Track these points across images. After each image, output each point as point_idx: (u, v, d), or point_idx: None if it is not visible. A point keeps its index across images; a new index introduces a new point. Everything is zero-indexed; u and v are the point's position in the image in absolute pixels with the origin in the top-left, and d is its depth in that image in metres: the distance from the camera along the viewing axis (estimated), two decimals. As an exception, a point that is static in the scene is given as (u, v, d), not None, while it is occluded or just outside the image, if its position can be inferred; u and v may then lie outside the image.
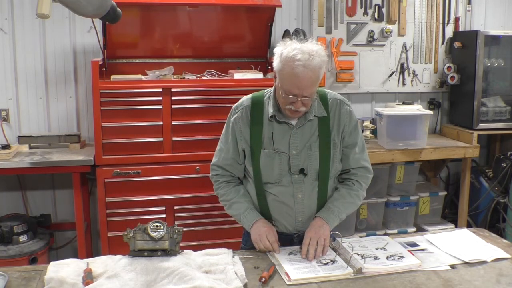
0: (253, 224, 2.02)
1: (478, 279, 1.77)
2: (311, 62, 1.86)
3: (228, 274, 1.74)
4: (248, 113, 2.05)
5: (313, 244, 1.92)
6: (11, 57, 3.55)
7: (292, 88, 1.88)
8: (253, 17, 3.59)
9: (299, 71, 1.85)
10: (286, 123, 2.01)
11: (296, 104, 1.91)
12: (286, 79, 1.90)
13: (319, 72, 1.90)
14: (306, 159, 2.01)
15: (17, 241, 3.21)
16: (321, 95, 2.07)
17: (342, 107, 2.08)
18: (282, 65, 1.90)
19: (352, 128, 2.08)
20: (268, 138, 2.02)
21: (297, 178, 2.02)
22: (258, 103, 2.06)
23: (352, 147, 2.09)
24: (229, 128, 2.10)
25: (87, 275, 1.69)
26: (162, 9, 3.39)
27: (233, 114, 2.10)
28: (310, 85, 1.88)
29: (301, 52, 1.87)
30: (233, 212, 2.09)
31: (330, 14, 3.97)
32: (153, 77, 3.34)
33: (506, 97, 4.14)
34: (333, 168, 2.06)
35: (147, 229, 1.82)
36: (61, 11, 3.29)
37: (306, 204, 2.04)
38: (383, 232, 3.78)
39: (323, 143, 2.02)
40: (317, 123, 2.03)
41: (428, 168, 4.34)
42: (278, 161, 2.01)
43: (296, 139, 2.01)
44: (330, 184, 2.07)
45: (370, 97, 4.21)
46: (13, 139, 3.56)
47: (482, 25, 4.34)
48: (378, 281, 1.76)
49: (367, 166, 2.13)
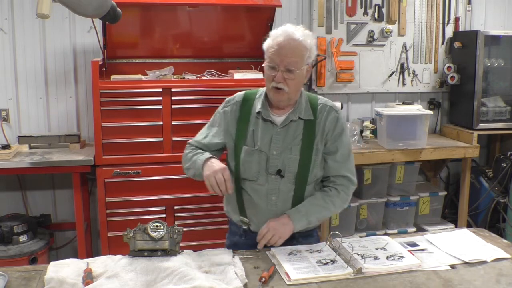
0: (207, 160, 1.98)
1: (478, 279, 1.77)
2: (295, 33, 1.94)
3: (228, 274, 1.74)
4: (237, 109, 2.08)
5: (267, 237, 1.93)
6: (11, 57, 3.55)
7: (273, 55, 1.93)
8: (253, 17, 3.59)
9: (281, 39, 1.92)
10: (270, 121, 2.02)
11: (277, 77, 1.93)
12: (269, 49, 1.95)
13: (302, 44, 1.93)
14: (285, 161, 2.00)
15: (17, 241, 3.21)
16: (311, 99, 2.09)
17: (330, 113, 2.08)
18: (268, 40, 1.98)
19: (336, 135, 2.06)
20: (250, 134, 2.04)
21: (274, 178, 2.01)
22: (249, 100, 2.09)
23: (332, 154, 2.06)
24: (216, 119, 2.14)
25: (87, 275, 1.69)
26: (162, 9, 3.38)
27: (223, 107, 2.13)
28: (291, 53, 1.91)
29: (286, 26, 1.98)
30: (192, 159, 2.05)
31: (330, 14, 3.97)
32: (153, 77, 3.34)
33: (506, 97, 4.14)
34: (313, 174, 2.03)
35: (147, 229, 1.82)
36: (61, 11, 3.29)
37: (279, 207, 2.02)
38: (383, 232, 3.78)
39: (305, 147, 2.01)
40: (302, 126, 2.02)
41: (428, 168, 4.34)
42: (257, 159, 2.02)
43: (278, 140, 2.01)
44: (307, 189, 2.04)
45: (370, 97, 4.21)
46: (13, 139, 3.56)
47: (482, 25, 4.35)
48: (378, 281, 1.76)
49: (348, 176, 2.08)
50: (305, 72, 2.01)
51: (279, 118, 2.03)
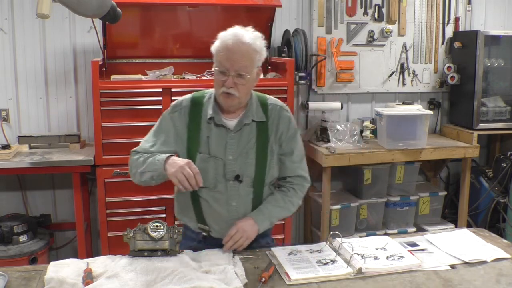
0: (168, 159, 1.89)
1: (478, 279, 1.78)
2: (244, 36, 1.89)
3: (228, 274, 1.74)
4: (186, 114, 2.01)
5: (236, 238, 1.91)
6: (11, 57, 3.55)
7: (223, 60, 1.89)
8: (253, 17, 3.58)
9: (230, 42, 1.88)
10: (224, 126, 1.98)
11: (228, 82, 1.88)
12: (218, 53, 1.91)
13: (252, 47, 1.89)
14: (242, 166, 1.98)
15: (17, 241, 3.21)
16: (261, 100, 2.06)
17: (282, 113, 2.06)
18: (217, 43, 1.94)
19: (290, 136, 2.06)
20: (204, 141, 1.98)
21: (232, 184, 1.98)
22: (198, 104, 2.02)
23: (289, 155, 2.07)
24: (162, 126, 2.04)
25: (87, 275, 1.69)
26: (162, 9, 3.38)
27: (170, 113, 2.04)
28: (241, 57, 1.87)
29: (235, 29, 1.94)
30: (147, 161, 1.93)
31: (330, 14, 3.97)
32: (153, 77, 3.34)
33: (506, 97, 4.13)
34: (269, 175, 2.03)
35: (147, 229, 1.82)
36: (61, 11, 3.29)
37: (240, 211, 2.01)
38: (383, 232, 3.78)
39: (260, 149, 2.00)
40: (255, 129, 2.00)
41: (428, 168, 4.34)
42: (213, 166, 1.97)
43: (233, 145, 1.98)
44: (265, 190, 2.05)
45: (370, 97, 4.21)
46: (13, 139, 3.56)
47: (482, 25, 4.34)
48: (378, 281, 1.76)
49: (304, 175, 2.12)
50: (256, 75, 1.97)
51: (231, 122, 2.00)
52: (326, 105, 3.99)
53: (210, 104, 2.00)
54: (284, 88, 3.34)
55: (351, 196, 3.91)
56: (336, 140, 3.66)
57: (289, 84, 3.34)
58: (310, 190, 4.02)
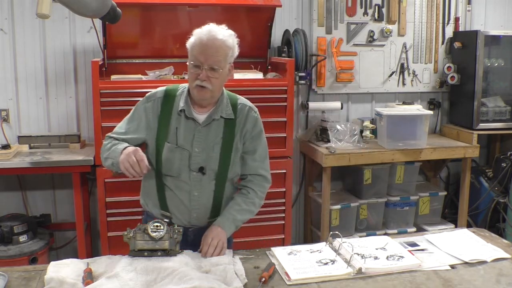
0: (125, 149, 1.94)
1: (478, 279, 1.78)
2: (218, 32, 1.97)
3: (228, 274, 1.74)
4: (159, 105, 2.08)
5: (214, 244, 1.92)
6: (11, 57, 3.55)
7: (197, 54, 1.96)
8: (253, 17, 3.59)
9: (205, 38, 1.96)
10: (193, 119, 2.04)
11: (201, 75, 1.95)
12: (193, 48, 1.98)
13: (226, 43, 1.97)
14: (207, 159, 2.04)
15: (17, 241, 3.21)
16: (231, 99, 2.12)
17: (250, 113, 2.12)
18: (192, 38, 2.01)
19: (254, 135, 2.12)
20: (173, 132, 2.05)
21: (196, 175, 2.04)
22: (170, 97, 2.09)
23: (251, 154, 2.12)
24: (135, 114, 2.11)
25: (87, 275, 1.69)
26: (162, 9, 3.38)
27: (144, 103, 2.11)
28: (215, 52, 1.95)
29: (210, 26, 2.01)
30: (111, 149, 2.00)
31: (330, 14, 3.97)
32: (153, 77, 3.34)
33: (506, 97, 4.13)
34: (232, 171, 2.08)
35: (147, 229, 1.82)
36: (61, 11, 3.29)
37: (201, 202, 2.06)
38: (383, 232, 3.78)
39: (226, 145, 2.06)
40: (223, 125, 2.06)
41: (428, 168, 4.34)
42: (179, 156, 2.03)
43: (200, 138, 2.04)
44: (227, 186, 2.10)
45: (370, 97, 4.21)
46: (13, 139, 3.56)
47: (482, 25, 4.34)
48: (378, 281, 1.76)
49: (265, 175, 2.15)
50: (228, 71, 2.04)
51: (201, 116, 2.06)
52: (326, 105, 3.99)
53: (182, 97, 2.07)
54: (284, 88, 3.34)
55: (351, 196, 3.91)
56: (336, 140, 3.66)
57: (289, 84, 3.34)
58: (310, 190, 4.04)
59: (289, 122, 3.38)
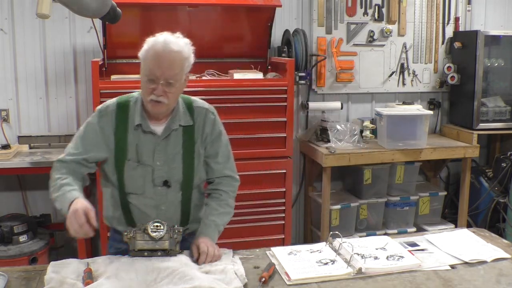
0: (73, 201, 1.78)
1: (478, 279, 1.78)
2: (174, 42, 1.89)
3: (228, 274, 1.74)
4: (113, 120, 1.96)
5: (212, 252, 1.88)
6: (11, 57, 3.55)
7: (153, 68, 1.85)
8: (253, 17, 3.59)
9: (160, 49, 1.86)
10: (151, 133, 1.95)
11: (157, 90, 1.85)
12: (148, 61, 1.88)
13: (182, 55, 1.89)
14: (170, 171, 1.97)
15: (17, 241, 3.21)
16: (187, 104, 2.03)
17: (207, 116, 2.05)
18: (145, 49, 1.91)
19: (214, 137, 2.06)
20: (132, 148, 1.95)
21: (161, 190, 1.97)
22: (124, 109, 1.98)
23: (214, 157, 2.06)
24: (89, 131, 1.98)
25: (87, 275, 1.69)
26: (162, 9, 3.38)
27: (97, 118, 1.98)
28: (171, 66, 1.86)
29: (164, 35, 1.93)
30: (61, 190, 1.85)
31: (330, 14, 3.97)
32: (153, 77, 3.34)
33: (506, 97, 4.13)
34: (197, 178, 2.03)
35: (147, 229, 1.82)
36: (61, 11, 3.29)
37: (169, 215, 1.99)
38: (383, 232, 3.78)
39: (187, 153, 1.99)
40: (182, 133, 1.99)
41: (428, 168, 4.34)
42: (141, 173, 1.95)
43: (161, 151, 1.96)
44: (194, 193, 2.05)
45: (370, 97, 4.21)
46: (13, 139, 3.56)
47: (482, 25, 4.34)
48: (378, 281, 1.76)
49: (231, 175, 2.11)
50: (184, 81, 1.95)
51: (159, 128, 1.96)
52: (326, 105, 3.99)
53: (137, 110, 1.96)
54: (284, 88, 3.34)
55: (351, 196, 3.91)
56: (336, 140, 3.66)
57: (289, 84, 3.34)
58: (310, 190, 4.04)
59: (289, 122, 3.38)
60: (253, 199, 3.37)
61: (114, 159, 1.96)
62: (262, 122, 3.33)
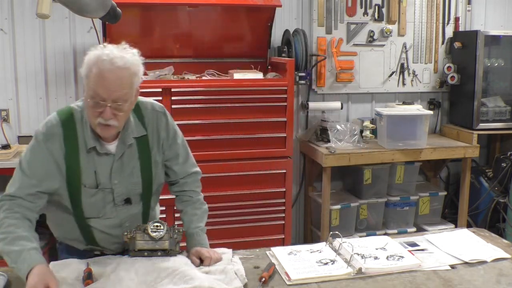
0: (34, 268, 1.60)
1: (478, 279, 1.78)
2: (120, 58, 1.68)
3: (228, 274, 1.74)
4: (62, 141, 1.75)
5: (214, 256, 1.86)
6: (11, 57, 3.55)
7: (98, 89, 1.65)
8: (253, 17, 3.59)
9: (105, 67, 1.66)
10: (106, 154, 1.79)
11: (105, 113, 1.66)
12: (92, 81, 1.67)
13: (130, 71, 1.70)
14: (129, 187, 1.85)
15: (17, 241, 3.20)
16: (135, 111, 1.85)
17: (159, 119, 1.90)
18: (88, 67, 1.71)
19: (171, 141, 1.94)
20: (87, 173, 1.78)
21: (122, 208, 1.86)
22: (70, 129, 1.76)
23: (174, 159, 1.96)
24: (38, 157, 1.74)
25: (87, 275, 1.69)
26: (162, 9, 3.39)
27: (43, 143, 1.74)
28: (119, 86, 1.66)
29: (108, 50, 1.71)
30: (14, 248, 1.63)
31: (330, 14, 3.97)
32: (153, 77, 3.34)
33: (506, 97, 4.13)
34: (156, 185, 1.94)
35: (147, 229, 1.82)
36: (61, 11, 3.28)
37: (132, 227, 1.86)
38: (383, 232, 3.78)
39: (145, 165, 1.87)
40: (137, 146, 1.85)
41: (428, 168, 4.34)
42: (101, 197, 1.82)
43: (118, 169, 1.82)
44: (153, 199, 1.97)
45: (370, 97, 4.21)
46: (13, 139, 3.56)
47: (482, 25, 4.34)
48: (378, 281, 1.76)
49: (194, 171, 2.04)
50: (135, 96, 1.77)
51: (111, 146, 1.81)
52: (326, 105, 3.99)
53: (86, 130, 1.76)
54: (284, 88, 3.34)
55: (351, 196, 3.91)
56: (336, 140, 3.66)
57: (289, 84, 3.34)
58: (310, 190, 4.04)
59: (289, 122, 3.38)
60: (253, 199, 3.38)
61: (67, 185, 1.77)
62: (262, 122, 3.33)
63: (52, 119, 1.77)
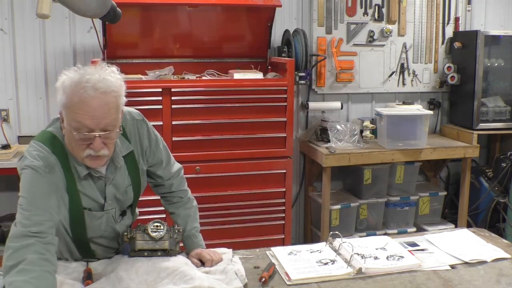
0: None
1: (478, 279, 1.78)
2: (103, 82, 1.54)
3: (228, 274, 1.74)
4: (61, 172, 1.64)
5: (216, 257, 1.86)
6: (11, 57, 3.55)
7: (85, 120, 1.52)
8: (253, 17, 3.59)
9: (88, 96, 1.51)
10: (100, 177, 1.74)
11: (95, 145, 1.56)
12: (75, 112, 1.52)
13: (115, 93, 1.58)
14: (124, 202, 1.86)
15: (17, 241, 3.21)
16: None
17: (140, 128, 1.84)
18: (67, 96, 1.54)
19: (154, 147, 1.89)
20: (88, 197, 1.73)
21: (120, 221, 1.87)
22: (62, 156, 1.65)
23: (159, 165, 1.93)
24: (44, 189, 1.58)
25: (87, 275, 1.69)
26: (162, 9, 3.39)
27: (46, 174, 1.59)
28: (106, 112, 1.55)
29: (88, 74, 1.55)
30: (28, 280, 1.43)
31: (330, 14, 3.97)
32: (153, 77, 3.34)
33: (506, 97, 4.13)
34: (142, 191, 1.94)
35: (147, 229, 1.82)
36: (61, 11, 3.29)
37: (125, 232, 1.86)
38: (383, 232, 3.78)
39: (134, 180, 1.85)
40: (124, 164, 1.79)
41: (428, 168, 4.34)
42: (105, 218, 1.81)
43: (112, 190, 1.78)
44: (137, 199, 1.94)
45: (370, 97, 4.21)
46: (13, 139, 3.56)
47: (482, 25, 4.34)
48: (378, 281, 1.76)
49: (177, 169, 2.00)
50: (121, 118, 1.68)
51: (103, 168, 1.74)
52: (326, 105, 3.99)
53: (71, 157, 1.67)
54: (284, 88, 3.34)
55: (351, 196, 3.91)
56: (336, 140, 3.66)
57: (289, 84, 3.34)
58: (310, 190, 4.03)
59: (289, 122, 3.38)
60: (253, 199, 3.38)
61: (70, 212, 1.70)
62: (262, 122, 3.33)
63: (41, 149, 1.63)
